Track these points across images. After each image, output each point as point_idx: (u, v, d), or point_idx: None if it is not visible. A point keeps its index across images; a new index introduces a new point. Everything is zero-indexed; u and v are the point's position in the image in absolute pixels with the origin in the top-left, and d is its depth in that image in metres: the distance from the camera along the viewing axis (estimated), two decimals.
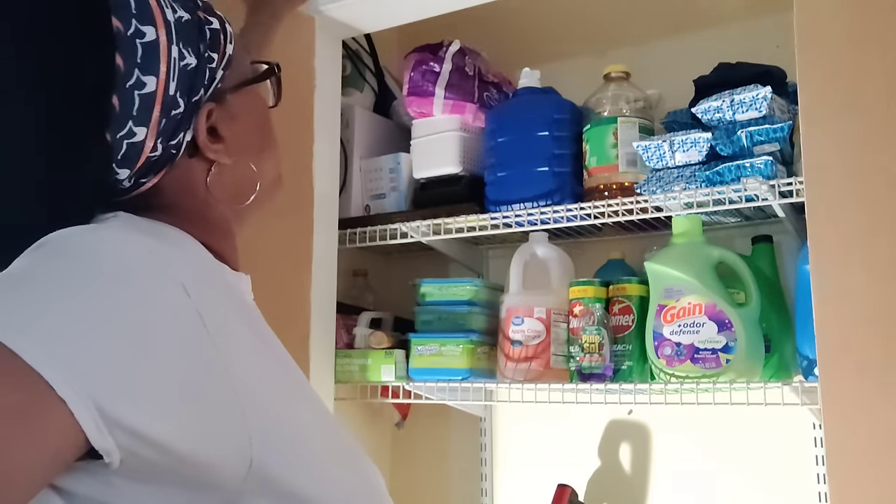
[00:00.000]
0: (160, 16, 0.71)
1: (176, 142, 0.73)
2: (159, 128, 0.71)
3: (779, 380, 1.42)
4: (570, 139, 1.63)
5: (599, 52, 1.84)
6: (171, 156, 0.73)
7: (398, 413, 1.91)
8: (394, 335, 1.73)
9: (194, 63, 0.73)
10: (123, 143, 0.70)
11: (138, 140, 0.70)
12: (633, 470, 1.73)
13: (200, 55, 0.73)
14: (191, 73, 0.72)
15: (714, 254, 1.47)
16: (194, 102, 0.73)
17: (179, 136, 0.73)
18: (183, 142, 0.73)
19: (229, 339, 0.67)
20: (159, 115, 0.70)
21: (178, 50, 0.71)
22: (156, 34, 0.70)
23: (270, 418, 0.67)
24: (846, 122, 1.19)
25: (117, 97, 0.68)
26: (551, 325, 1.58)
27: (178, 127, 0.72)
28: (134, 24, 0.69)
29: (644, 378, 1.51)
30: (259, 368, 0.70)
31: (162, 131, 0.71)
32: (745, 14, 1.72)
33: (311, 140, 1.65)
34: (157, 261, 0.65)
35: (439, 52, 1.74)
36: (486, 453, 1.90)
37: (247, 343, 0.71)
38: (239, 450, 0.63)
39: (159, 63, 0.70)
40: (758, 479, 1.60)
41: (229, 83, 0.77)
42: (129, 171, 0.71)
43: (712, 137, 1.43)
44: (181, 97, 0.72)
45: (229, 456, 0.63)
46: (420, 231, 1.71)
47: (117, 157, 0.70)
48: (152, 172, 0.73)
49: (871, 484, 1.11)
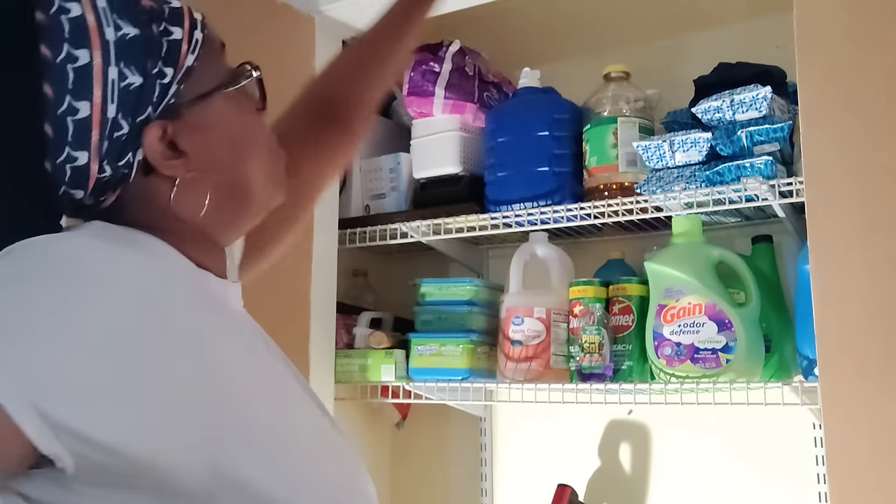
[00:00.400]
0: (97, 37, 0.69)
1: (124, 162, 0.71)
2: (101, 151, 0.70)
3: (779, 380, 1.42)
4: (570, 139, 1.63)
5: (599, 52, 1.84)
6: (123, 175, 0.72)
7: (398, 413, 1.91)
8: (394, 335, 1.73)
9: (139, 82, 0.70)
10: (66, 168, 0.69)
11: (81, 164, 0.69)
12: (633, 470, 1.73)
13: (147, 73, 0.71)
14: (134, 92, 0.70)
15: (714, 254, 1.47)
16: (141, 122, 0.71)
17: (128, 157, 0.71)
18: (133, 161, 0.72)
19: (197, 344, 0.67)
20: (98, 138, 0.69)
21: (118, 70, 0.69)
22: (90, 57, 0.68)
23: (241, 422, 0.67)
24: (846, 122, 1.19)
25: (49, 125, 0.68)
26: (551, 325, 1.58)
27: (125, 148, 0.71)
28: (65, 49, 0.68)
29: (644, 378, 1.51)
30: (233, 373, 0.70)
31: (106, 153, 0.70)
32: (745, 14, 1.72)
33: None
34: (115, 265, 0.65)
35: (439, 52, 1.74)
36: (486, 453, 1.90)
37: (219, 347, 0.71)
38: (201, 452, 0.63)
39: (93, 87, 0.68)
40: (758, 479, 1.60)
41: (190, 95, 0.74)
42: (83, 191, 0.71)
43: (712, 137, 1.43)
44: (124, 118, 0.70)
45: (190, 458, 0.63)
46: (420, 231, 1.71)
47: (65, 180, 0.70)
48: (109, 190, 0.73)
49: (871, 484, 1.11)
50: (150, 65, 0.71)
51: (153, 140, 0.72)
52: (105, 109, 0.69)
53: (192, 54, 0.74)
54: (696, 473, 1.66)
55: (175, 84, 0.73)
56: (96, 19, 0.69)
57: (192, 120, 0.74)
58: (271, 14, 1.60)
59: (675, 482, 1.68)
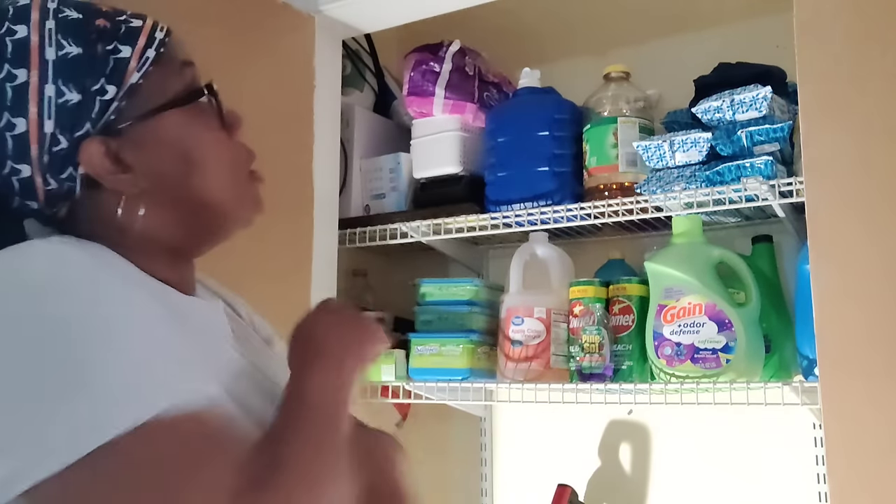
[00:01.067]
0: (37, 56, 0.72)
1: (66, 175, 0.73)
2: (42, 164, 0.72)
3: (779, 380, 1.42)
4: (570, 139, 1.63)
5: (599, 52, 1.84)
6: (70, 188, 0.74)
7: (398, 413, 1.91)
8: (394, 335, 1.73)
9: (76, 99, 0.72)
10: (13, 181, 0.73)
11: (25, 177, 0.72)
12: (633, 470, 1.73)
13: (86, 90, 0.72)
14: (72, 109, 0.72)
15: (714, 254, 1.47)
16: (79, 137, 0.72)
17: (69, 171, 0.73)
18: (76, 175, 0.73)
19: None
20: (38, 153, 0.72)
21: (56, 88, 0.72)
22: (27, 76, 0.71)
23: None
24: (846, 122, 1.19)
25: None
26: (551, 325, 1.58)
27: (65, 162, 0.73)
28: (5, 69, 0.71)
29: (644, 378, 1.51)
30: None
31: (48, 167, 0.72)
32: (745, 14, 1.72)
33: (311, 140, 1.65)
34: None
35: (439, 52, 1.74)
36: (486, 453, 1.90)
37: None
38: None
39: (28, 104, 0.71)
40: (758, 479, 1.60)
41: (137, 111, 0.75)
42: (36, 202, 0.74)
43: (712, 137, 1.43)
44: (62, 134, 0.72)
45: None
46: (420, 231, 1.71)
47: (15, 191, 0.73)
48: (60, 202, 0.75)
49: (871, 484, 1.11)
50: (89, 82, 0.73)
51: (92, 155, 0.73)
52: (42, 125, 0.71)
53: (138, 72, 0.75)
54: (696, 473, 1.66)
55: (117, 101, 0.74)
56: (39, 40, 0.72)
57: (139, 136, 0.75)
58: (271, 14, 1.60)
59: (675, 482, 1.68)
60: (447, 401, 1.70)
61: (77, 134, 0.72)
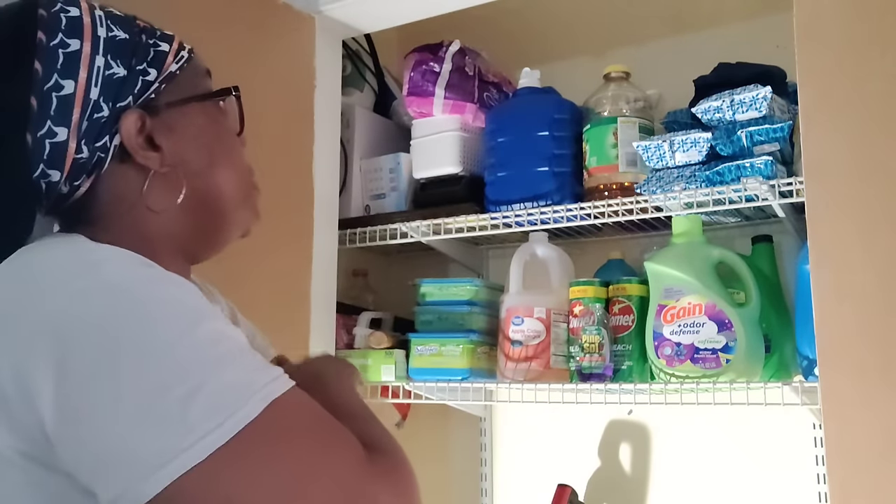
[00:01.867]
0: (90, 32, 0.77)
1: (101, 144, 0.76)
2: (80, 130, 0.75)
3: (779, 380, 1.42)
4: (570, 139, 1.63)
5: (599, 52, 1.84)
6: (100, 159, 0.77)
7: (398, 413, 1.91)
8: (394, 335, 1.73)
9: (123, 73, 0.77)
10: (46, 143, 0.74)
11: (60, 140, 0.75)
12: (633, 470, 1.73)
13: (132, 68, 0.78)
14: (117, 81, 0.77)
15: (714, 254, 1.47)
16: (120, 108, 0.77)
17: (105, 139, 0.76)
18: (110, 145, 0.77)
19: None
20: (79, 117, 0.75)
21: (105, 60, 0.77)
22: (80, 45, 0.76)
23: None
24: (846, 122, 1.19)
25: (35, 98, 0.74)
26: (551, 325, 1.58)
27: (103, 130, 0.76)
28: (59, 37, 0.75)
29: (644, 378, 1.51)
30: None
31: (85, 133, 0.75)
32: (745, 14, 1.72)
33: (311, 140, 1.65)
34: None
35: (439, 52, 1.74)
36: (486, 453, 1.90)
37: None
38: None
39: (79, 69, 0.75)
40: (758, 479, 1.60)
41: (170, 98, 0.81)
42: (60, 172, 0.75)
43: (712, 137, 1.43)
44: (105, 102, 0.76)
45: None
46: (420, 231, 1.71)
47: (44, 157, 0.75)
48: (84, 174, 0.77)
49: (871, 484, 1.11)
50: (135, 62, 0.79)
51: (130, 126, 0.77)
52: (88, 90, 0.75)
53: (176, 63, 0.82)
54: (695, 473, 1.66)
55: (157, 83, 0.80)
56: (91, 21, 0.78)
57: (171, 120, 0.80)
58: (271, 14, 1.60)
59: (675, 482, 1.68)
60: (447, 401, 1.70)
61: (120, 104, 0.77)
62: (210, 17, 1.44)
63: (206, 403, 0.61)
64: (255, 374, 0.65)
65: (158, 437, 0.60)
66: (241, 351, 0.67)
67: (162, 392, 0.60)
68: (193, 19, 1.40)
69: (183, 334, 0.63)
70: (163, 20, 0.85)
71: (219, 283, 0.96)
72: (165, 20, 0.84)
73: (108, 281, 0.66)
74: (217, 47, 1.45)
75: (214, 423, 0.60)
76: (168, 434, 0.60)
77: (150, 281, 0.67)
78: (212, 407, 0.61)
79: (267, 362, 0.68)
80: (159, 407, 0.60)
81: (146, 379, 0.61)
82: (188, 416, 0.60)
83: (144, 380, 0.61)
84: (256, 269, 0.89)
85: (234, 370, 0.64)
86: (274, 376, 0.66)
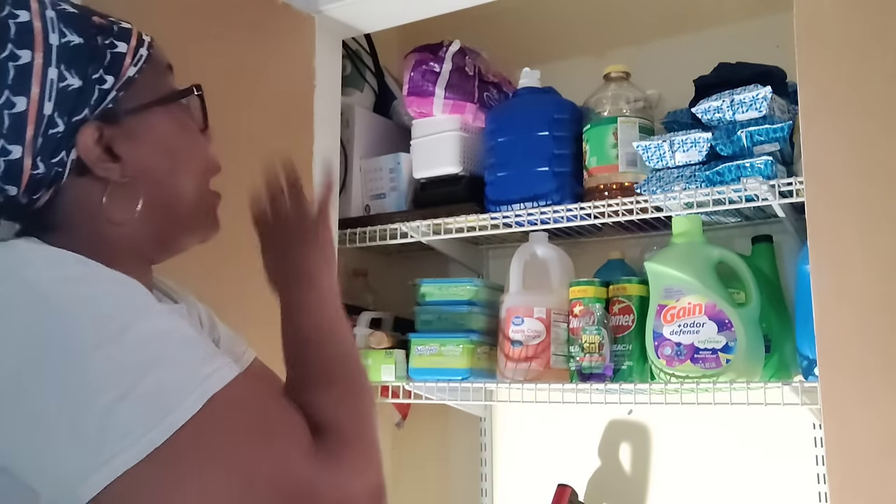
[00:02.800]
0: (41, 40, 0.73)
1: (58, 160, 0.74)
2: (35, 147, 0.73)
3: (779, 380, 1.42)
4: (570, 139, 1.63)
5: (599, 52, 1.84)
6: (57, 174, 0.75)
7: (398, 413, 1.91)
8: (394, 335, 1.73)
9: (77, 84, 0.74)
10: (0, 161, 0.72)
11: (14, 158, 0.72)
12: (633, 470, 1.73)
13: (87, 77, 0.74)
14: (72, 94, 0.74)
15: (714, 254, 1.47)
16: (76, 122, 0.74)
17: (62, 155, 0.74)
18: (67, 160, 0.74)
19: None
20: (33, 134, 0.72)
21: (59, 72, 0.73)
22: (31, 57, 0.72)
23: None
24: (846, 122, 1.19)
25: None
26: (551, 325, 1.58)
27: (59, 145, 0.74)
28: (9, 48, 0.72)
29: (644, 378, 1.51)
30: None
31: (40, 150, 0.73)
32: (745, 14, 1.72)
33: (311, 140, 1.65)
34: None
35: (439, 52, 1.74)
36: (486, 453, 1.90)
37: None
38: None
39: (31, 84, 0.72)
40: (758, 479, 1.60)
41: (130, 104, 0.77)
42: (17, 187, 0.74)
43: (712, 137, 1.43)
44: (60, 117, 0.73)
45: None
46: (420, 231, 1.71)
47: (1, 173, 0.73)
48: (43, 188, 0.75)
49: (871, 484, 1.11)
50: (90, 70, 0.75)
51: (88, 140, 0.75)
52: (41, 106, 0.72)
53: (134, 66, 0.78)
54: (695, 473, 1.66)
55: (115, 91, 0.76)
56: (42, 26, 0.73)
57: (130, 128, 0.78)
58: (271, 14, 1.60)
59: (675, 482, 1.68)
60: (447, 401, 1.70)
61: (75, 118, 0.74)
62: (210, 18, 1.44)
63: (132, 410, 0.60)
64: (194, 370, 0.64)
65: (80, 453, 0.59)
66: (181, 347, 0.65)
67: (85, 402, 0.60)
68: (193, 20, 1.40)
69: (109, 338, 0.62)
70: (162, 21, 0.84)
71: (218, 283, 0.96)
72: (165, 21, 0.84)
73: (29, 286, 0.64)
74: (217, 47, 1.45)
75: (142, 430, 0.59)
76: (90, 447, 0.59)
77: (78, 282, 0.65)
78: (139, 413, 0.60)
79: (212, 353, 0.67)
80: (82, 419, 0.59)
81: (69, 390, 0.60)
82: (112, 425, 0.59)
83: (67, 391, 0.60)
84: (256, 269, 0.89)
85: (169, 369, 0.63)
86: (215, 368, 0.65)
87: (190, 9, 1.39)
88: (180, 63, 0.86)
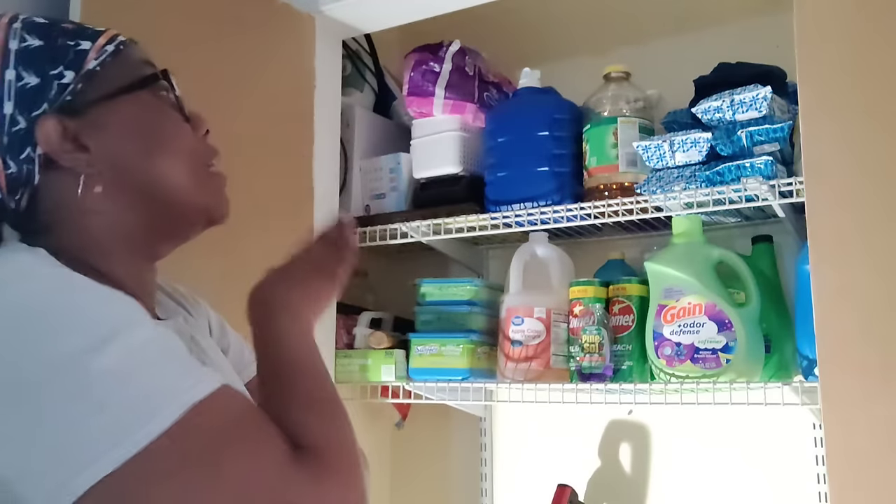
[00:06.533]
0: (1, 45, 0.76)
1: (25, 156, 0.76)
2: (2, 146, 0.75)
3: (779, 380, 1.42)
4: (570, 139, 1.63)
5: (599, 52, 1.84)
6: (29, 171, 0.76)
7: (398, 413, 1.91)
8: (394, 335, 1.73)
9: (35, 82, 0.76)
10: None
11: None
12: (633, 470, 1.73)
13: (45, 75, 0.76)
14: (30, 91, 0.76)
15: (714, 254, 1.47)
16: (36, 117, 0.76)
17: (27, 151, 0.76)
18: (34, 155, 0.76)
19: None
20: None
21: (16, 73, 0.75)
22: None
23: None
24: (846, 122, 1.19)
25: None
26: (551, 325, 1.58)
27: (23, 142, 0.76)
28: None
29: (644, 378, 1.51)
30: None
31: (7, 149, 0.75)
32: (745, 14, 1.72)
33: (311, 140, 1.65)
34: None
35: (439, 52, 1.74)
36: (486, 453, 1.90)
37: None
38: None
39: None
40: (758, 479, 1.60)
41: (93, 95, 0.78)
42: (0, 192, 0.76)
43: (712, 137, 1.43)
44: (21, 115, 0.75)
45: None
46: (420, 231, 1.71)
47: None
48: (21, 188, 0.77)
49: (871, 484, 1.11)
50: (49, 67, 0.77)
51: (50, 132, 0.76)
52: (1, 106, 0.75)
53: (95, 60, 0.79)
54: (695, 473, 1.66)
55: (73, 84, 0.77)
56: (4, 36, 0.77)
57: (96, 118, 0.78)
58: (271, 14, 1.60)
59: (675, 482, 1.68)
60: (447, 401, 1.70)
61: (34, 113, 0.76)
62: (210, 18, 1.44)
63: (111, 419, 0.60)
64: (177, 380, 0.64)
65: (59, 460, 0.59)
66: (165, 357, 0.66)
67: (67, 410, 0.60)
68: (193, 20, 1.40)
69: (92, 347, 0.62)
70: (162, 21, 0.84)
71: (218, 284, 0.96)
72: (165, 21, 0.84)
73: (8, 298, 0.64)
74: (217, 48, 1.45)
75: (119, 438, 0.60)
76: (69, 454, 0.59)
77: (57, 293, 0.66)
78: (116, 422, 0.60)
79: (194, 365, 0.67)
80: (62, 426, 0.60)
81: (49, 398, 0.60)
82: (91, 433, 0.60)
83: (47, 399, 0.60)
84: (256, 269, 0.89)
85: (150, 380, 0.63)
86: (197, 380, 0.65)
87: (190, 9, 1.39)
88: (180, 63, 0.86)
